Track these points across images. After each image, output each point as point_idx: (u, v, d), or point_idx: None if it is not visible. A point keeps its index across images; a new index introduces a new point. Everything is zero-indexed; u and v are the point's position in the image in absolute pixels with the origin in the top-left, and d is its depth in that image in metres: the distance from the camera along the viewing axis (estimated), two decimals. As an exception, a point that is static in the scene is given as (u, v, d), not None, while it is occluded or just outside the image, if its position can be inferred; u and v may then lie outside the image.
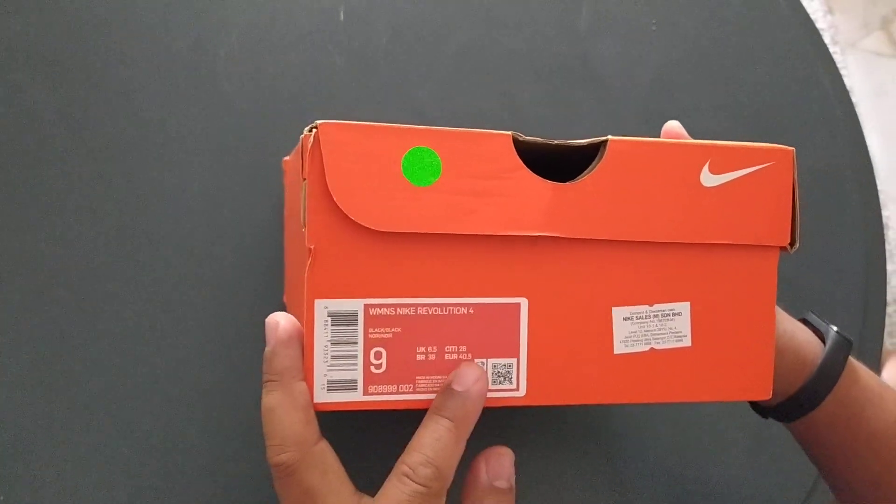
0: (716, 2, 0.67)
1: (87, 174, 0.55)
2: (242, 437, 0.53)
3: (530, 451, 0.55)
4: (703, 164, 0.36)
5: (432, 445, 0.34)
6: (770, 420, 0.57)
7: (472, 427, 0.35)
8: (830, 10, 1.45)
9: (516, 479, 0.37)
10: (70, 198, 0.54)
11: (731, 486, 0.57)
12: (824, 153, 0.65)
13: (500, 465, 0.36)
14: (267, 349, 0.34)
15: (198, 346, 0.54)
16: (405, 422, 0.36)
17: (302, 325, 0.34)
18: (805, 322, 0.48)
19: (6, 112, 0.55)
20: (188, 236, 0.55)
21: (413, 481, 0.33)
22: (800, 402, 0.44)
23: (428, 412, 0.35)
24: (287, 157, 0.52)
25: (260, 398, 0.52)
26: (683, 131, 0.45)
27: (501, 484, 0.36)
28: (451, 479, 0.34)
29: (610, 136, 0.35)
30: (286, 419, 0.33)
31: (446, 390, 0.35)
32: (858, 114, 0.69)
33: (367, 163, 0.33)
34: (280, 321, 0.34)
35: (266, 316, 0.53)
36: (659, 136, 0.48)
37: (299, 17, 0.60)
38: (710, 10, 0.66)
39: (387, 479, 0.34)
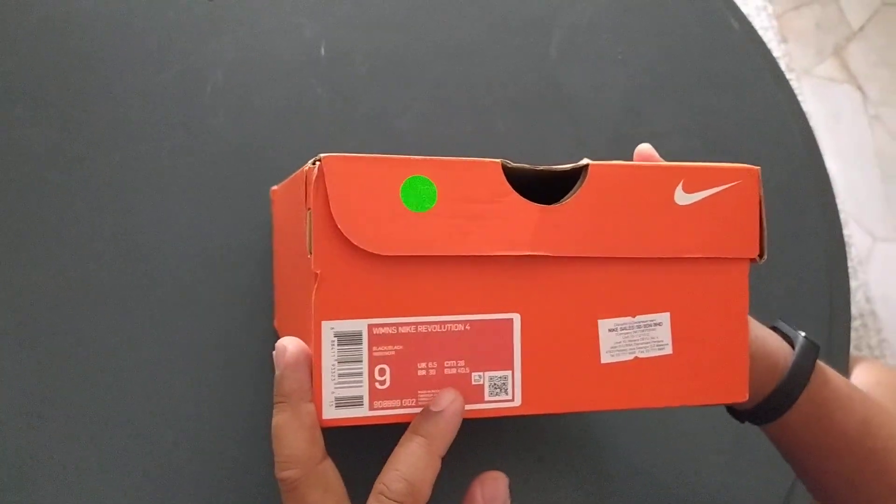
0: (678, 32, 0.69)
1: (78, 207, 0.56)
2: (232, 459, 0.54)
3: (515, 461, 0.57)
4: (677, 184, 0.39)
5: (405, 461, 0.35)
6: (747, 426, 0.59)
7: (446, 444, 0.36)
8: (785, 39, 1.50)
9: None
10: (61, 230, 0.55)
11: (710, 492, 0.59)
12: (784, 172, 0.68)
13: (495, 488, 0.37)
14: (276, 373, 0.36)
15: (189, 372, 0.55)
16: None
17: (309, 346, 0.36)
18: (775, 329, 0.50)
19: (4, 146, 0.56)
20: (178, 266, 0.56)
21: (387, 497, 0.34)
22: (773, 404, 0.47)
23: (404, 433, 0.37)
24: (275, 187, 0.53)
25: (253, 421, 0.54)
26: (655, 153, 0.48)
27: None
28: (427, 495, 0.35)
29: (590, 161, 0.38)
30: (292, 438, 0.35)
31: (422, 412, 0.37)
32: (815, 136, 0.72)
33: (367, 192, 0.35)
34: (288, 346, 0.36)
35: (257, 341, 0.55)
36: (630, 159, 0.51)
37: (282, 52, 0.61)
38: (673, 40, 0.69)
39: (367, 499, 0.35)
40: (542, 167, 0.38)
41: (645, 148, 0.48)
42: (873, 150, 1.50)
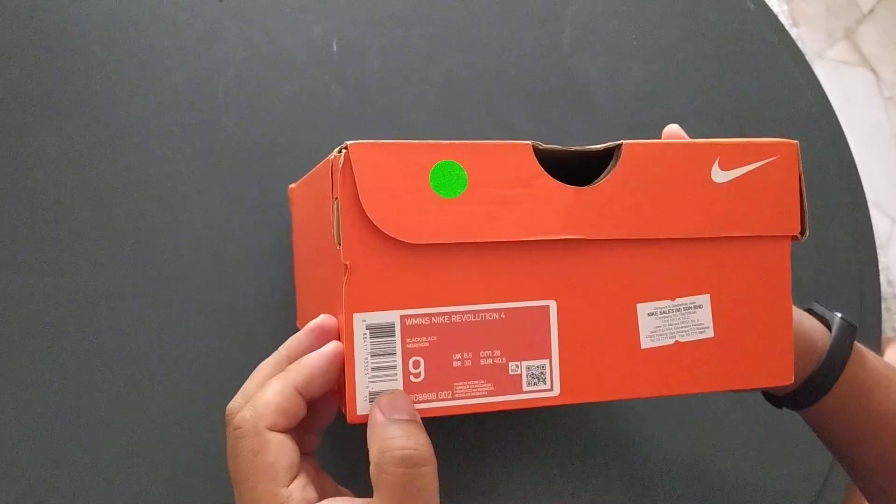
0: (693, 15, 0.68)
1: (92, 214, 0.55)
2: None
3: (548, 451, 0.56)
4: (713, 162, 0.38)
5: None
6: (781, 414, 0.58)
7: (304, 380, 0.35)
8: (795, 23, 1.50)
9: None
10: (76, 236, 0.55)
11: (744, 482, 0.58)
12: (807, 154, 0.66)
13: (392, 401, 0.34)
14: (312, 358, 0.35)
15: (211, 377, 0.54)
16: (445, 429, 0.37)
17: (340, 341, 0.35)
18: (810, 312, 0.49)
19: (11, 156, 0.55)
20: (196, 269, 0.55)
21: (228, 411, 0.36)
22: (811, 388, 0.45)
23: None
24: (293, 185, 0.52)
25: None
26: (683, 133, 0.47)
27: (402, 416, 0.34)
28: (270, 418, 0.34)
29: (624, 140, 0.37)
30: (265, 386, 0.35)
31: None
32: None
33: (396, 179, 0.34)
34: (332, 346, 0.35)
35: (280, 343, 0.54)
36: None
37: (293, 50, 0.61)
38: (688, 23, 0.68)
39: None
40: (574, 148, 0.37)
41: (673, 129, 0.47)
42: (889, 133, 1.49)
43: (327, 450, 0.52)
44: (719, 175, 0.38)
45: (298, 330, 0.53)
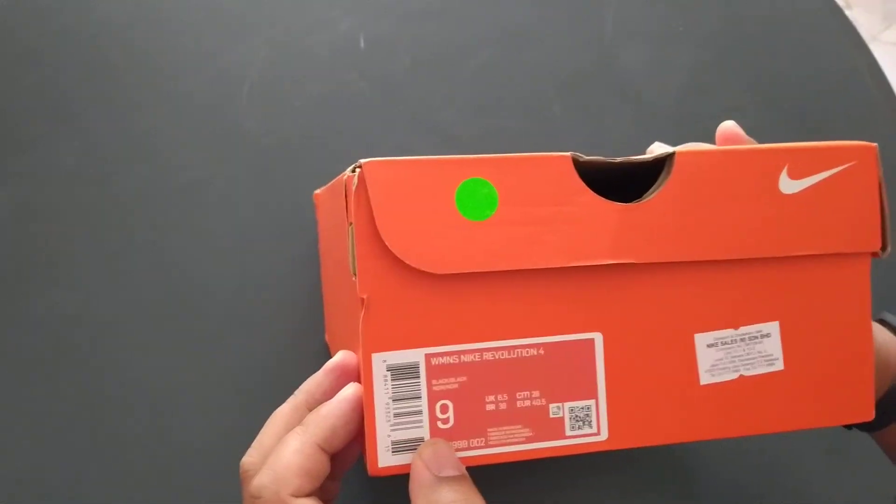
0: (742, -2, 0.65)
1: (113, 222, 0.54)
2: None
3: (601, 462, 0.53)
4: (781, 170, 0.33)
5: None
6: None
7: (325, 434, 0.32)
8: (848, 6, 1.43)
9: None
10: (94, 250, 0.53)
11: (808, 499, 0.55)
12: (870, 141, 0.63)
13: (438, 454, 0.32)
14: (330, 406, 0.32)
15: (237, 393, 0.52)
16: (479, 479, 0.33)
17: (359, 381, 0.32)
18: (882, 322, 0.45)
19: (29, 165, 0.54)
20: (219, 281, 0.54)
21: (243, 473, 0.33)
22: (886, 408, 0.41)
23: None
24: (318, 191, 0.50)
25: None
26: (741, 131, 0.42)
27: (450, 472, 0.31)
28: (291, 482, 0.31)
29: (677, 149, 0.33)
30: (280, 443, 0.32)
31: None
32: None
33: (417, 201, 0.30)
34: (351, 390, 0.32)
35: (307, 357, 0.52)
36: (700, 138, 0.45)
37: (319, 47, 0.58)
38: (738, 7, 0.64)
39: None
40: (619, 159, 0.33)
41: (729, 126, 0.42)
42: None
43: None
44: (788, 185, 0.33)
45: (326, 343, 0.52)
